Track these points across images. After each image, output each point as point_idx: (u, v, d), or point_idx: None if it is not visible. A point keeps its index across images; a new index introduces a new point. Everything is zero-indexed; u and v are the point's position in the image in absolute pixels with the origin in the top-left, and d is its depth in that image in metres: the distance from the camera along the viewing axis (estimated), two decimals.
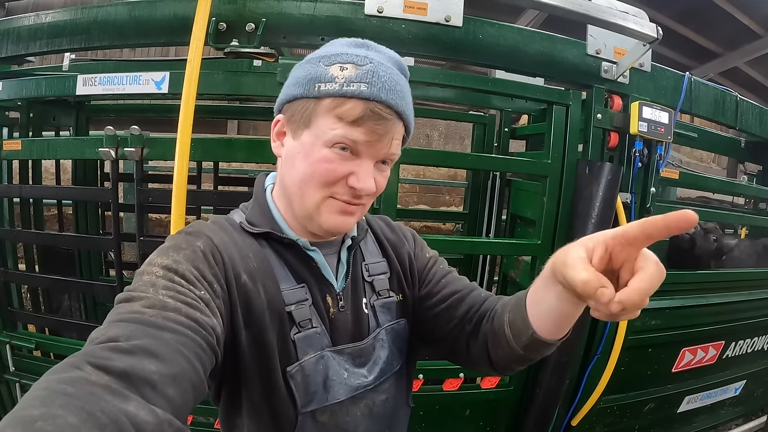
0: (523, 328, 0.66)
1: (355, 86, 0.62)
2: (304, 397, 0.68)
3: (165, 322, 0.50)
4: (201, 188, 2.35)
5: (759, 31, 4.88)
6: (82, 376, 0.42)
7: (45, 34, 1.58)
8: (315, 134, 0.64)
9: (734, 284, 2.17)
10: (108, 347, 0.46)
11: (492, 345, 0.74)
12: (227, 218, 0.74)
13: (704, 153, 7.68)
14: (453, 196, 6.85)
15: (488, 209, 2.55)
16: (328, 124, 0.63)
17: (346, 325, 0.74)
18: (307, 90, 0.64)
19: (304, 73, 0.66)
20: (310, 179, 0.65)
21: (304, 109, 0.65)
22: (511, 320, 0.69)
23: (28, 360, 1.81)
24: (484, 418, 1.82)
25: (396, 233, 0.87)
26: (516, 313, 0.68)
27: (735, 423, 2.52)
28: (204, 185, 2.45)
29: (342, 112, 0.62)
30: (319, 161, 0.64)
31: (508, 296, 0.76)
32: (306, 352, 0.69)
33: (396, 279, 0.82)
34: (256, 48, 1.43)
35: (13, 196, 1.93)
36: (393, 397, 0.79)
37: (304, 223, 0.70)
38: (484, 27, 1.53)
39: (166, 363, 0.47)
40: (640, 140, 1.67)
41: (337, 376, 0.71)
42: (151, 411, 0.42)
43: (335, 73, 0.63)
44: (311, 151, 0.64)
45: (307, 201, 0.67)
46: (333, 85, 0.63)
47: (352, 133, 0.62)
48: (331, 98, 0.63)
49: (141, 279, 0.57)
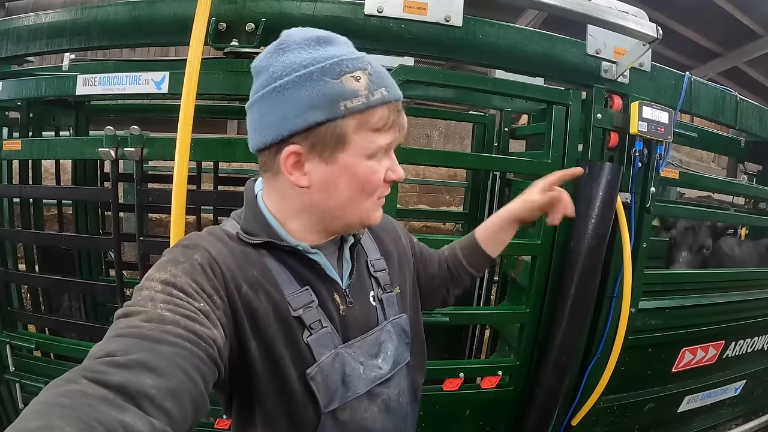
0: (484, 261, 1.02)
1: (378, 94, 0.63)
2: (325, 396, 0.68)
3: (163, 336, 0.50)
4: (201, 188, 2.35)
5: (759, 31, 4.88)
6: (79, 389, 0.42)
7: (45, 34, 1.58)
8: (355, 153, 0.65)
9: (734, 284, 2.17)
10: (105, 362, 0.46)
11: (452, 283, 1.03)
12: (222, 228, 0.73)
13: (704, 153, 7.68)
14: (453, 196, 6.85)
15: (488, 209, 2.55)
16: (367, 139, 0.65)
17: (357, 320, 0.75)
18: (332, 112, 0.61)
19: (315, 94, 0.61)
20: (361, 193, 0.68)
21: (332, 132, 0.63)
22: (470, 262, 1.01)
23: (29, 360, 1.80)
24: (484, 418, 1.82)
25: (390, 226, 0.92)
26: (472, 255, 1.01)
27: (735, 423, 2.52)
28: (204, 185, 2.45)
29: (375, 123, 0.64)
30: (368, 174, 0.67)
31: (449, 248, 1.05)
32: (322, 353, 0.69)
33: (394, 273, 0.84)
34: (256, 48, 1.43)
35: (13, 196, 1.93)
36: (404, 392, 0.81)
37: (340, 229, 0.74)
38: (484, 27, 1.53)
39: (163, 377, 0.47)
40: (640, 140, 1.67)
41: (354, 371, 0.72)
42: (149, 422, 0.42)
43: (354, 86, 0.62)
44: (357, 169, 0.66)
45: (360, 213, 0.70)
46: (360, 100, 0.62)
47: (387, 138, 0.66)
48: (360, 113, 0.63)
49: (140, 294, 0.57)
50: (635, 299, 1.76)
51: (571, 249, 1.65)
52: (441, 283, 1.01)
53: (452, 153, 3.60)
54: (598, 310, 1.76)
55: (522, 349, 1.76)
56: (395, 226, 0.94)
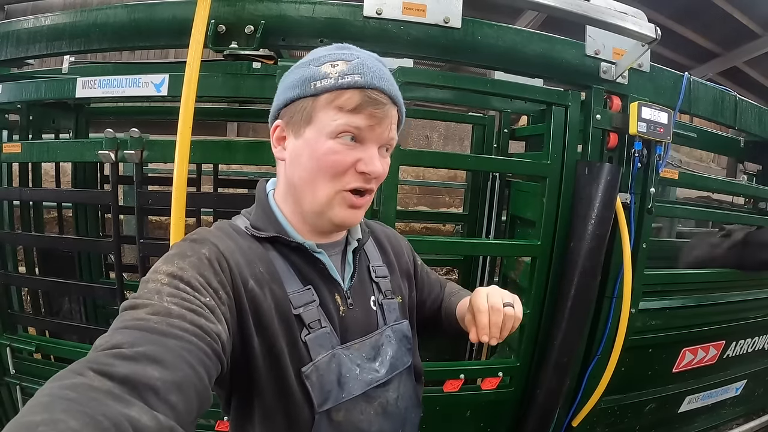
0: (455, 327, 0.93)
1: (349, 78, 0.65)
2: (320, 396, 0.69)
3: (169, 329, 0.51)
4: (201, 190, 2.35)
5: (758, 31, 4.89)
6: (84, 382, 0.42)
7: (44, 37, 1.58)
8: (318, 129, 0.67)
9: (734, 284, 2.17)
10: (111, 354, 0.46)
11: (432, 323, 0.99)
12: (231, 224, 0.74)
13: (704, 153, 7.68)
14: (453, 197, 6.86)
15: (488, 210, 2.55)
16: (329, 117, 0.66)
17: (356, 323, 0.75)
18: (304, 90, 0.67)
19: (297, 77, 0.69)
20: (319, 172, 0.67)
21: (303, 108, 0.68)
22: (447, 324, 0.96)
23: (29, 363, 1.80)
24: (485, 419, 1.82)
25: (395, 240, 0.93)
26: (448, 320, 0.95)
27: (736, 423, 2.52)
28: (204, 187, 2.45)
29: (341, 102, 0.65)
30: (326, 153, 0.66)
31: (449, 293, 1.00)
32: (318, 352, 0.70)
33: (396, 282, 0.85)
34: (255, 50, 1.43)
35: (12, 198, 1.93)
36: (404, 397, 0.81)
37: (314, 220, 0.72)
38: (483, 28, 1.53)
39: (169, 369, 0.47)
40: (639, 140, 1.67)
41: (350, 372, 0.72)
42: (154, 417, 0.42)
43: (328, 70, 0.66)
44: (317, 145, 0.67)
45: (319, 195, 0.68)
46: (328, 81, 0.66)
47: (354, 120, 0.66)
48: (329, 93, 0.66)
49: (146, 286, 0.57)
50: (635, 300, 1.76)
51: (571, 250, 1.65)
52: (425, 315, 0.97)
53: (452, 154, 3.60)
54: (599, 311, 1.76)
55: (522, 350, 1.76)
56: (401, 242, 0.95)
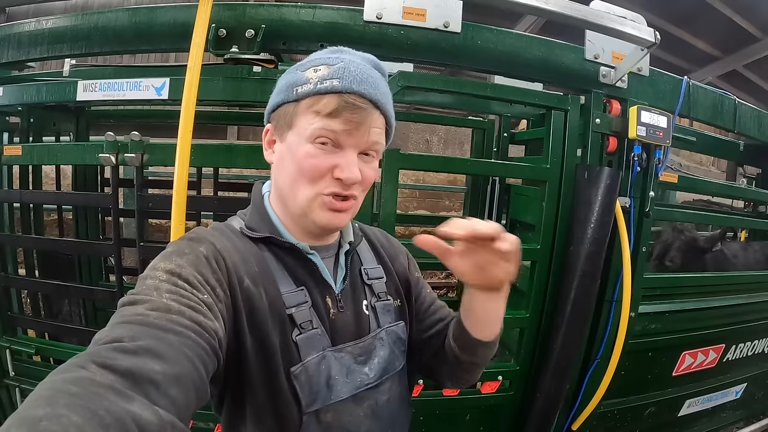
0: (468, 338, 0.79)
1: (328, 83, 0.66)
2: (308, 396, 0.69)
3: (169, 325, 0.51)
4: (201, 194, 2.36)
5: (757, 34, 4.91)
6: (87, 376, 0.42)
7: (46, 39, 1.59)
8: (297, 133, 0.68)
9: (734, 287, 2.17)
10: (113, 347, 0.46)
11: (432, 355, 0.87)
12: (226, 224, 0.76)
13: (703, 156, 7.69)
14: (453, 201, 6.86)
15: (488, 214, 2.55)
16: (307, 121, 0.67)
17: (347, 326, 0.75)
18: (287, 95, 0.69)
19: (284, 82, 0.71)
20: (298, 176, 0.68)
21: (286, 112, 0.70)
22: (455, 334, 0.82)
23: (28, 365, 1.80)
24: (485, 423, 1.81)
25: (391, 244, 0.92)
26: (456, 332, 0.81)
27: (736, 426, 2.52)
28: (204, 191, 2.46)
29: (319, 107, 0.66)
30: (304, 157, 0.67)
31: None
32: (308, 353, 0.70)
33: (393, 285, 0.84)
34: (255, 54, 1.44)
35: (13, 201, 1.93)
36: (395, 398, 0.80)
37: (300, 222, 0.73)
38: (482, 32, 1.54)
39: (169, 364, 0.47)
40: (638, 144, 1.67)
41: (340, 374, 0.72)
42: (155, 412, 0.43)
43: (309, 75, 0.68)
44: (296, 149, 0.68)
45: (299, 198, 0.69)
46: (308, 86, 0.67)
47: (329, 125, 0.66)
48: (308, 98, 0.67)
49: (144, 283, 0.57)
50: (635, 303, 1.76)
51: (570, 254, 1.65)
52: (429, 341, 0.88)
53: (452, 158, 3.60)
54: (598, 315, 1.76)
55: (522, 354, 1.76)
56: (394, 246, 0.92)
